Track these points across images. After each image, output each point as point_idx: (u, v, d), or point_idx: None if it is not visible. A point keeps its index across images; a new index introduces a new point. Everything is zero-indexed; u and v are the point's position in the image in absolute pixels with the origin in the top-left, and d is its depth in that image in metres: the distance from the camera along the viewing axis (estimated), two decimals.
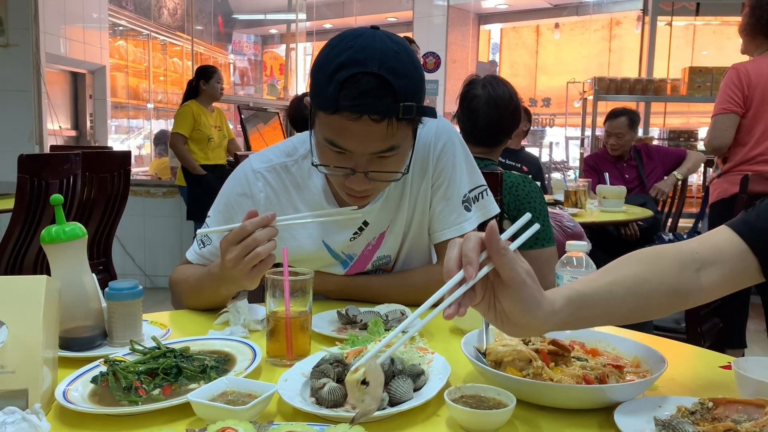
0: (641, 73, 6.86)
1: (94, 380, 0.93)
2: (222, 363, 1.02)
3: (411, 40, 4.11)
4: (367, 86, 1.12)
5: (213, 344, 1.10)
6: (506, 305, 0.83)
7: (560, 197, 3.78)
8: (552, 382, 0.91)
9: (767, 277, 1.02)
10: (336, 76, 1.13)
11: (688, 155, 4.46)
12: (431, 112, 1.23)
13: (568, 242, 1.24)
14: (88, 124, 7.19)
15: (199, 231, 1.29)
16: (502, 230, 0.85)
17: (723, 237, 1.02)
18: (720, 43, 9.73)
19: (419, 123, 1.27)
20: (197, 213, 5.05)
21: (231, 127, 5.82)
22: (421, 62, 8.47)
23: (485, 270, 0.81)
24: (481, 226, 2.24)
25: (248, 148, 5.17)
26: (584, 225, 3.29)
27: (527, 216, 0.88)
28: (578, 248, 1.21)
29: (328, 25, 11.61)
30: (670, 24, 7.03)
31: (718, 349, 1.98)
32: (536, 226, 0.88)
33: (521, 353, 0.95)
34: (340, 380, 0.94)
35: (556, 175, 7.68)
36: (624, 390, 0.89)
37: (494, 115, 2.26)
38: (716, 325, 2.88)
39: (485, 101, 2.26)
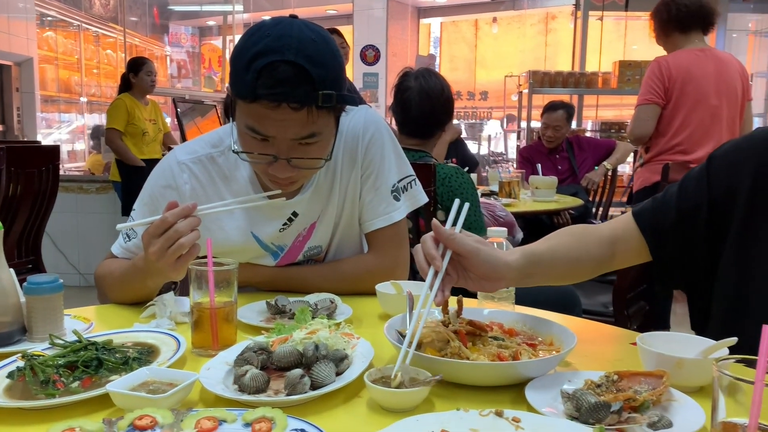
0: (574, 66, 7.07)
1: (10, 375, 0.91)
2: (145, 354, 1.01)
3: (334, 31, 4.09)
4: (284, 75, 1.13)
5: (137, 336, 1.10)
6: (476, 271, 1.03)
7: (495, 188, 3.88)
8: (468, 360, 0.94)
9: (654, 257, 1.13)
10: (253, 64, 1.14)
11: (618, 146, 4.63)
12: (352, 101, 1.25)
13: (489, 228, 1.28)
14: (15, 117, 6.90)
15: (118, 226, 1.26)
16: (438, 220, 1.02)
17: (626, 220, 1.19)
18: (649, 37, 10.09)
19: (342, 111, 1.29)
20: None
21: (168, 120, 5.70)
22: (360, 55, 8.49)
23: (447, 256, 1.01)
24: (413, 215, 2.29)
25: (185, 141, 5.09)
26: (518, 214, 3.38)
27: (456, 202, 1.08)
28: (497, 234, 1.26)
29: (266, 17, 11.46)
30: (601, 19, 7.26)
31: (644, 330, 2.08)
32: (467, 206, 1.09)
33: (440, 334, 0.99)
34: (264, 367, 0.95)
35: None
36: (535, 366, 0.93)
37: (426, 107, 2.31)
38: (643, 308, 3.00)
39: (417, 93, 2.30)
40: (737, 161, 1.11)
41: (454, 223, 1.06)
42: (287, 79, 1.14)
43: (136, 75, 5.02)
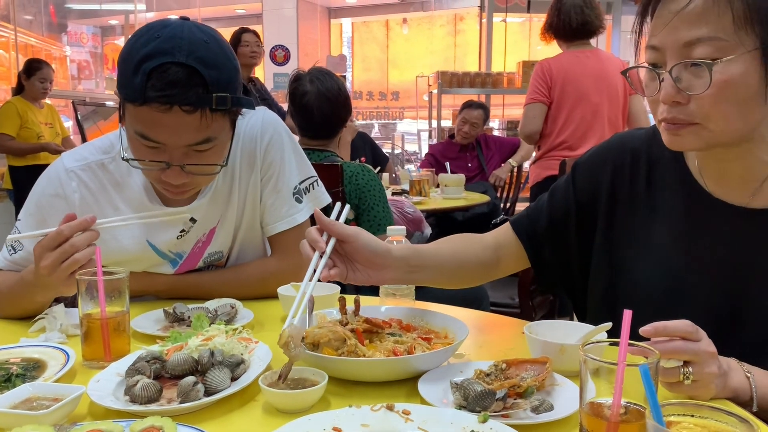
0: (481, 67, 7.27)
1: None
2: (30, 370, 0.97)
3: (249, 31, 4.04)
4: (175, 77, 1.11)
5: (23, 352, 1.05)
6: (359, 257, 1.05)
7: (407, 187, 3.94)
8: (363, 357, 0.96)
9: (532, 261, 1.20)
10: (142, 66, 1.11)
11: (522, 144, 4.81)
12: (248, 104, 1.24)
13: (388, 228, 1.31)
14: None
15: (9, 237, 1.19)
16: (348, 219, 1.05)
17: (506, 229, 1.26)
18: (540, 38, 10.53)
19: (237, 114, 1.28)
20: None
21: (69, 124, 5.46)
22: (270, 55, 8.35)
23: (331, 243, 1.03)
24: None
25: None
26: (429, 212, 3.45)
27: (338, 205, 1.12)
28: (396, 233, 1.29)
29: (173, 16, 11.13)
30: (505, 20, 7.51)
31: (549, 320, 2.17)
32: (347, 207, 1.12)
33: (337, 333, 1.00)
34: (158, 377, 0.94)
35: (409, 167, 7.97)
36: (426, 359, 0.96)
37: (327, 109, 2.32)
38: (547, 298, 3.14)
39: (316, 96, 2.31)
40: (597, 166, 1.17)
41: (337, 219, 1.09)
42: (178, 81, 1.12)
43: (28, 79, 4.81)
